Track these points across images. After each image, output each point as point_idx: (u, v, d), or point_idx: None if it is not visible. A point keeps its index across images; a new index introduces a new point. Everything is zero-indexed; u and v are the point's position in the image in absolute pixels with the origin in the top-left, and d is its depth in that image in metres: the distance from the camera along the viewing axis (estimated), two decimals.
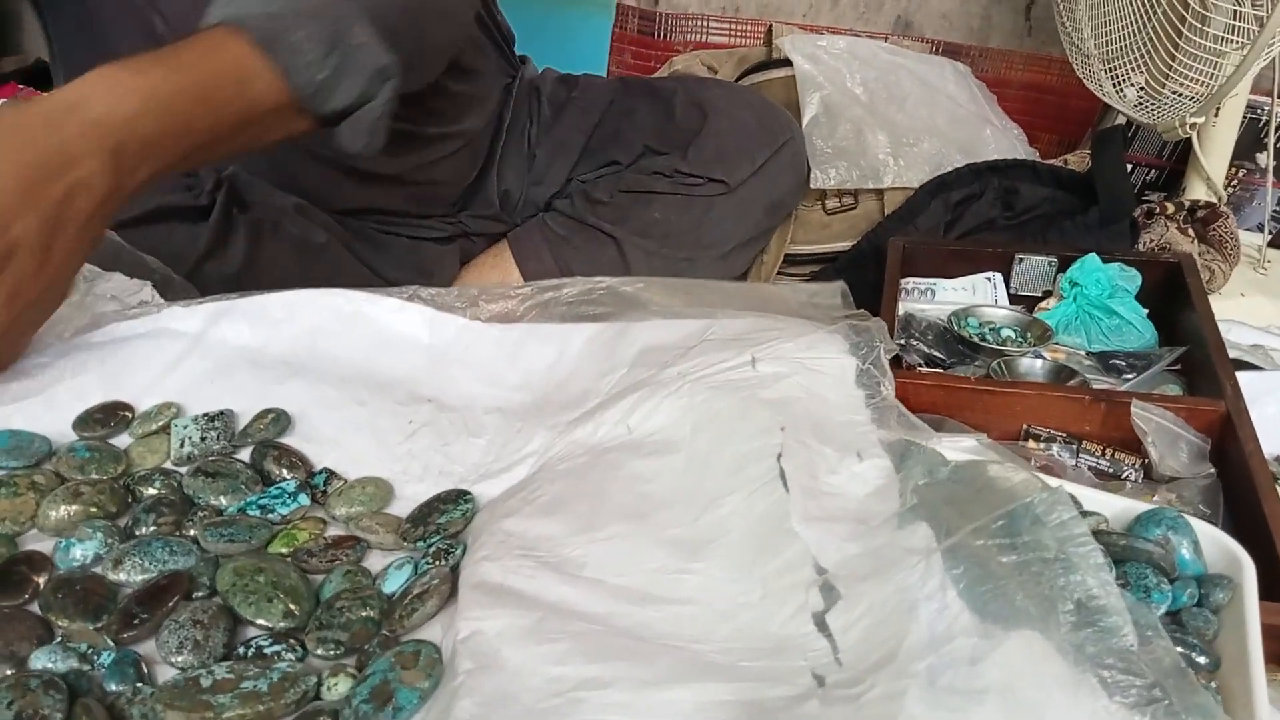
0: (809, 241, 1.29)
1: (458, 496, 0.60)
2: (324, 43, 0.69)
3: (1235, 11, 0.99)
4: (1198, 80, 1.06)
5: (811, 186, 1.25)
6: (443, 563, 0.54)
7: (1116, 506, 0.57)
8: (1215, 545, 0.54)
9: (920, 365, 0.94)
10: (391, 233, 1.07)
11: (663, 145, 1.12)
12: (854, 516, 0.51)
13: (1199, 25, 1.03)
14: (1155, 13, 1.06)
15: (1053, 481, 0.47)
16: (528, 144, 1.15)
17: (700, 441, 0.58)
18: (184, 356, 0.68)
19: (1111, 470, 0.77)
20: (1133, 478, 0.77)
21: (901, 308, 0.99)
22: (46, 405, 0.64)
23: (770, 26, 1.54)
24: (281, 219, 0.96)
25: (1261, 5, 0.97)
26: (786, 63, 1.36)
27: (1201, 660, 0.49)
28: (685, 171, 1.10)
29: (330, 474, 0.62)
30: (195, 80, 0.65)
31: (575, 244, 1.10)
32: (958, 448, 0.59)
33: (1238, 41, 1.01)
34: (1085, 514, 0.56)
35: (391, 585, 0.54)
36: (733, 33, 1.69)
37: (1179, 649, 0.48)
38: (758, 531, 0.52)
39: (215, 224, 0.89)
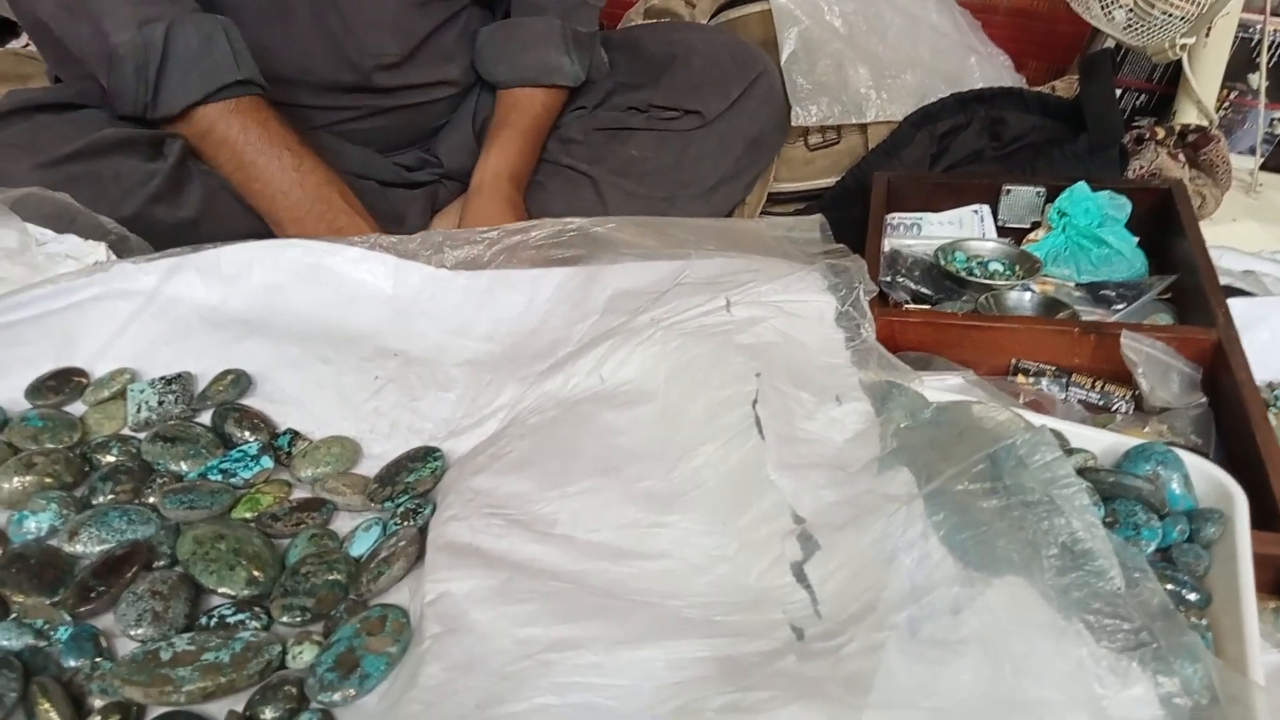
0: (792, 179, 1.26)
1: (426, 454, 0.58)
2: None
3: None
4: (1188, 0, 1.02)
5: (793, 124, 1.21)
6: (411, 523, 0.52)
7: (1105, 442, 0.55)
8: (1206, 478, 0.52)
9: (907, 302, 0.91)
10: (364, 177, 1.03)
11: (635, 79, 1.08)
12: (832, 463, 0.50)
13: None
14: None
15: (1036, 420, 0.45)
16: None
17: (674, 391, 0.56)
18: (137, 317, 0.65)
19: (1102, 403, 0.75)
20: (1124, 410, 0.75)
21: (887, 244, 0.96)
22: None
23: None
24: None
25: None
26: None
27: (1192, 597, 0.47)
28: (659, 105, 1.06)
29: (294, 435, 0.60)
30: None
31: (550, 188, 1.06)
32: (942, 387, 0.57)
33: None
34: (1072, 451, 0.54)
35: (359, 548, 0.52)
36: None
37: (1169, 586, 0.47)
38: (733, 482, 0.50)
39: (170, 170, 0.85)
